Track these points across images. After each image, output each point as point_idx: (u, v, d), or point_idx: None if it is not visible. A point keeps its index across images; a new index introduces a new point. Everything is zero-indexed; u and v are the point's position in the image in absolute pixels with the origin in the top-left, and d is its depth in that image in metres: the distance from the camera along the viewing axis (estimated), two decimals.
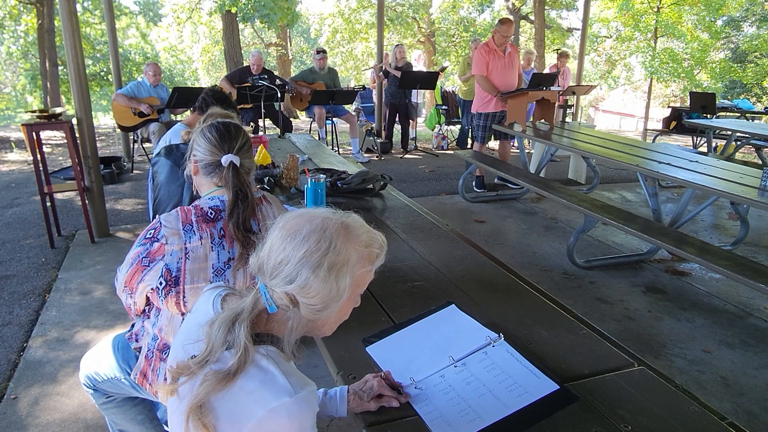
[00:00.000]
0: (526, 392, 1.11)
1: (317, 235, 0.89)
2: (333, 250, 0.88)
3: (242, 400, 0.85)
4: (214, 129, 1.46)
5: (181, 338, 1.03)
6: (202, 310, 1.01)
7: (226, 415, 0.85)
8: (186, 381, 0.90)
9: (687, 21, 14.38)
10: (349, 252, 0.90)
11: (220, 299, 1.01)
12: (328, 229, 0.90)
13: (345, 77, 18.32)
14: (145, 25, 20.74)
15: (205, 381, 0.85)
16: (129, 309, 1.47)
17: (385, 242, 0.98)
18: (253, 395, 0.84)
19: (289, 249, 0.89)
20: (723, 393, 2.37)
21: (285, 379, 0.85)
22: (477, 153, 5.36)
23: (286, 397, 0.83)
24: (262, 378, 0.85)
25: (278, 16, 9.91)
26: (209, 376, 0.86)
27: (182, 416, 0.87)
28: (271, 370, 0.86)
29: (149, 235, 1.36)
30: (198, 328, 0.94)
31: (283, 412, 0.83)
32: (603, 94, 24.99)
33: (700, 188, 3.20)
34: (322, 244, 0.88)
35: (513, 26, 5.34)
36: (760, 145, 6.50)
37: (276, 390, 0.84)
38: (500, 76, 5.15)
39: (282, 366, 0.88)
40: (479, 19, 18.47)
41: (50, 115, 3.87)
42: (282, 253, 0.89)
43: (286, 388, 0.84)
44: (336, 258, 0.89)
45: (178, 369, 0.90)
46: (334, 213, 0.95)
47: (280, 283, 0.89)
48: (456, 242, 2.06)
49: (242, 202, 1.38)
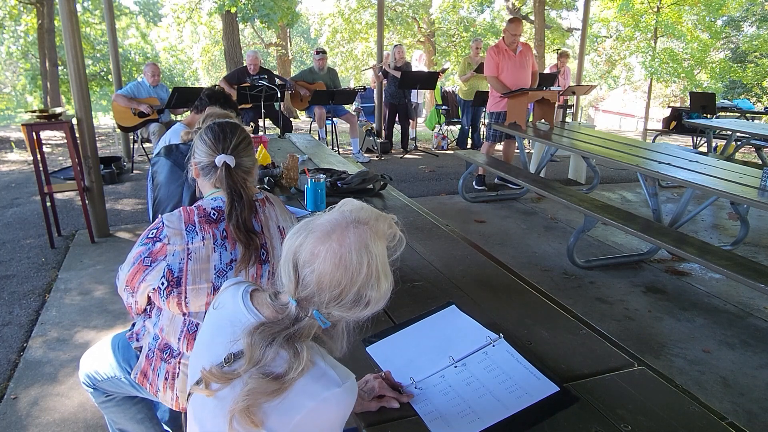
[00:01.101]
0: (526, 393, 1.11)
1: (366, 257, 0.88)
2: (380, 261, 0.90)
3: (293, 395, 0.87)
4: (210, 131, 1.46)
5: (209, 336, 1.01)
6: (230, 308, 0.99)
7: (275, 410, 0.87)
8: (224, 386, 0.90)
9: (687, 21, 14.39)
10: (384, 248, 0.92)
11: (248, 296, 0.99)
12: (368, 245, 0.89)
13: (345, 77, 18.31)
14: (145, 25, 20.74)
15: (252, 383, 0.86)
16: (130, 308, 1.47)
17: (393, 216, 0.98)
18: (302, 388, 0.87)
19: (345, 279, 0.88)
20: (723, 393, 2.36)
21: (333, 371, 0.89)
22: (483, 153, 5.38)
23: (336, 388, 0.88)
24: (311, 372, 0.88)
25: (278, 16, 9.92)
26: (256, 379, 0.87)
27: (225, 417, 0.87)
28: (319, 363, 0.90)
29: (151, 235, 1.35)
30: (230, 326, 0.94)
31: (333, 401, 0.88)
32: (603, 94, 25.00)
33: (700, 188, 3.20)
34: (372, 263, 0.88)
35: (521, 25, 5.38)
36: (760, 145, 6.50)
37: (326, 381, 0.88)
38: (512, 76, 5.18)
39: (327, 359, 0.92)
40: (479, 19, 18.48)
41: (50, 115, 3.87)
42: (339, 286, 0.88)
43: (335, 379, 0.88)
44: (383, 263, 0.91)
45: (215, 375, 0.90)
46: (348, 217, 0.92)
47: (347, 309, 0.90)
48: (456, 242, 2.06)
49: (238, 202, 1.38)
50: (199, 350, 1.04)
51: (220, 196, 1.43)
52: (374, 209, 0.96)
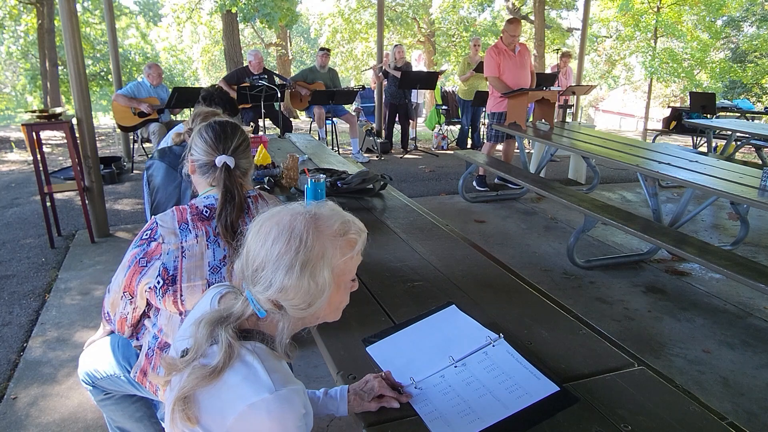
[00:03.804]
0: (526, 393, 1.11)
1: (286, 236, 0.88)
2: (304, 247, 0.87)
3: (225, 394, 0.85)
4: (211, 129, 1.46)
5: (179, 334, 1.04)
6: (201, 308, 1.02)
7: (209, 408, 0.85)
8: (175, 374, 0.91)
9: (687, 21, 14.39)
10: (323, 245, 0.89)
11: (218, 297, 1.01)
12: (296, 227, 0.89)
13: (345, 77, 18.32)
14: (145, 25, 20.74)
15: (191, 374, 0.86)
16: (124, 320, 1.43)
17: (361, 226, 0.96)
18: (234, 389, 0.84)
19: (262, 254, 0.89)
20: (723, 393, 2.36)
21: (267, 376, 0.85)
22: (484, 154, 5.38)
23: (266, 393, 0.83)
24: (245, 373, 0.85)
25: (278, 16, 9.91)
26: (195, 369, 0.86)
27: (169, 407, 0.88)
28: (254, 365, 0.86)
29: (145, 236, 1.36)
30: (191, 325, 0.95)
31: (263, 408, 0.82)
32: (603, 94, 24.99)
33: (700, 188, 3.20)
34: (292, 243, 0.87)
35: (520, 26, 5.38)
36: (760, 145, 6.50)
37: (257, 385, 0.84)
38: (513, 76, 5.19)
39: (267, 362, 0.87)
40: (479, 19, 18.47)
41: (50, 115, 3.87)
42: (257, 260, 0.89)
43: (267, 384, 0.83)
44: (308, 255, 0.88)
45: (168, 365, 0.90)
46: (304, 206, 0.93)
47: (261, 289, 0.89)
48: (456, 242, 2.06)
49: (230, 203, 1.39)
50: (172, 348, 1.06)
51: (213, 194, 1.44)
52: (342, 213, 0.95)
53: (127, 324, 1.46)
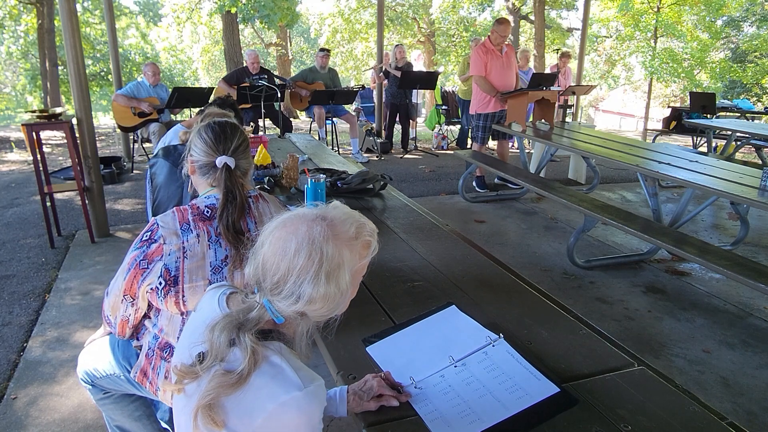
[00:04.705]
0: (526, 394, 1.11)
1: (307, 248, 0.88)
2: (326, 259, 0.88)
3: (252, 395, 0.86)
4: (210, 129, 1.46)
5: (186, 337, 1.03)
6: (206, 309, 1.01)
7: (236, 411, 0.86)
8: (189, 381, 0.90)
9: (687, 21, 14.39)
10: (342, 253, 0.90)
11: (225, 298, 1.00)
12: (316, 238, 0.88)
13: (345, 77, 18.32)
14: (145, 25, 20.74)
15: (213, 381, 0.86)
16: (125, 322, 1.43)
17: (373, 226, 0.97)
18: (263, 390, 0.85)
19: (283, 267, 0.89)
20: (723, 393, 2.36)
21: (295, 374, 0.87)
22: (476, 153, 5.35)
23: (296, 391, 0.85)
24: (272, 373, 0.87)
25: (278, 17, 9.92)
26: (218, 376, 0.86)
27: (190, 414, 0.87)
28: (281, 365, 0.88)
29: (145, 238, 1.35)
30: (203, 327, 0.94)
31: (293, 405, 0.84)
32: (603, 94, 24.99)
33: (700, 188, 3.20)
34: (314, 256, 0.88)
35: (510, 26, 5.33)
36: (760, 145, 6.49)
37: (287, 385, 0.86)
38: (499, 76, 5.14)
39: (292, 361, 0.89)
40: (479, 19, 18.47)
41: (50, 115, 3.87)
42: (278, 273, 0.89)
43: (296, 382, 0.86)
44: (331, 265, 0.88)
45: (183, 372, 0.90)
46: (316, 212, 0.93)
47: (285, 301, 0.90)
48: (456, 242, 2.06)
49: (231, 203, 1.38)
50: (178, 352, 1.05)
51: (215, 194, 1.43)
52: (354, 214, 0.95)
53: (129, 326, 1.46)
